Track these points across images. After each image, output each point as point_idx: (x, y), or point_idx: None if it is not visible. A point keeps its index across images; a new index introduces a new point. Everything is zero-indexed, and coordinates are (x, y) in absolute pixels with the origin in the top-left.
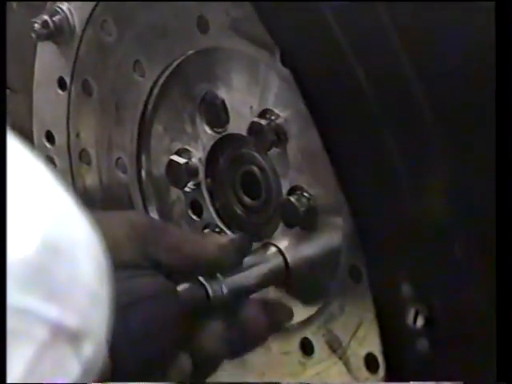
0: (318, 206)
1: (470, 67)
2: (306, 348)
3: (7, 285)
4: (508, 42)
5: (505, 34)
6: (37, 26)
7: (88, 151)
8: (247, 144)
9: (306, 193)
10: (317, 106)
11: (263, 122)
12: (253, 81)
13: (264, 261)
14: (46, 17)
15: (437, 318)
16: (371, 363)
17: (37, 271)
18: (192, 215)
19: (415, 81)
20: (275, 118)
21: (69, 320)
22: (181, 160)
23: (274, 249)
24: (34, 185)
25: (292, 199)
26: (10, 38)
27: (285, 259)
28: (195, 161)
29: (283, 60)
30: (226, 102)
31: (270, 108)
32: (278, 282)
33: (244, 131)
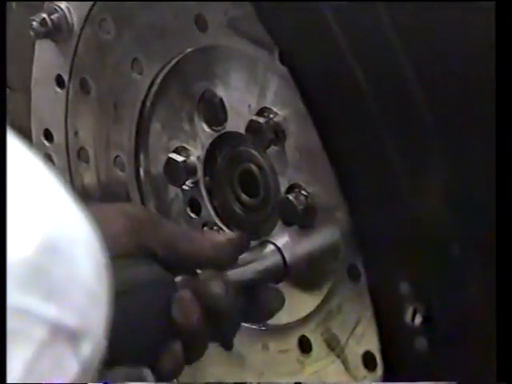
0: (317, 205)
1: (470, 67)
2: (304, 346)
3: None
4: (508, 42)
5: (505, 34)
6: (35, 25)
7: (86, 149)
8: (245, 142)
9: (305, 191)
10: (315, 105)
11: (261, 121)
12: (251, 79)
13: (261, 258)
14: (45, 15)
15: (435, 317)
16: (369, 361)
17: (36, 271)
18: (190, 213)
19: (414, 80)
20: (273, 117)
21: (68, 319)
22: (179, 158)
23: (272, 246)
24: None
25: (290, 197)
26: (9, 37)
27: (283, 257)
28: (193, 159)
29: (282, 59)
30: (225, 101)
31: (269, 106)
32: (276, 280)
33: (242, 129)
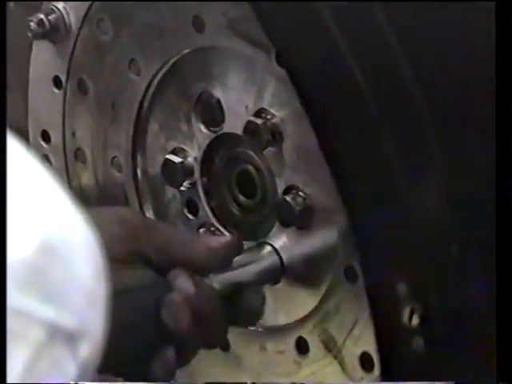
0: (314, 206)
1: (470, 67)
2: (302, 347)
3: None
4: (508, 42)
5: (505, 34)
6: (33, 25)
7: (84, 150)
8: (243, 143)
9: (302, 192)
10: (313, 106)
11: (259, 122)
12: (249, 80)
13: (258, 259)
14: (42, 16)
15: (432, 317)
16: (366, 362)
17: (34, 272)
18: (188, 214)
19: (414, 81)
20: (271, 118)
21: (66, 321)
22: (176, 159)
23: (269, 248)
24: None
25: (288, 198)
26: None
27: (280, 258)
28: (191, 160)
29: (279, 60)
30: (222, 101)
31: (266, 107)
32: (273, 281)
33: (240, 130)
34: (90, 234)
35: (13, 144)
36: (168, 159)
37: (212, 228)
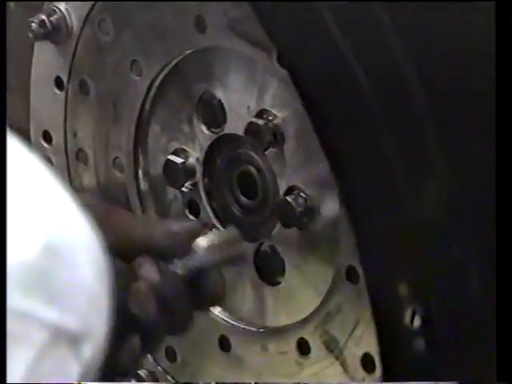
0: (315, 207)
1: (470, 67)
2: (303, 348)
3: (8, 288)
4: (508, 42)
5: (505, 34)
6: (34, 26)
7: (85, 151)
8: (244, 144)
9: (303, 193)
10: (314, 107)
11: (260, 123)
12: (250, 81)
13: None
14: (44, 16)
15: (434, 318)
16: (368, 363)
17: (37, 275)
18: (189, 215)
19: (414, 81)
20: (272, 119)
21: (69, 323)
22: (178, 160)
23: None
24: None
25: (289, 199)
26: (8, 38)
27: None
28: (192, 161)
29: (280, 61)
30: (224, 102)
31: (268, 108)
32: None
33: (241, 131)
34: (93, 237)
35: (15, 145)
36: (170, 160)
37: (213, 229)
